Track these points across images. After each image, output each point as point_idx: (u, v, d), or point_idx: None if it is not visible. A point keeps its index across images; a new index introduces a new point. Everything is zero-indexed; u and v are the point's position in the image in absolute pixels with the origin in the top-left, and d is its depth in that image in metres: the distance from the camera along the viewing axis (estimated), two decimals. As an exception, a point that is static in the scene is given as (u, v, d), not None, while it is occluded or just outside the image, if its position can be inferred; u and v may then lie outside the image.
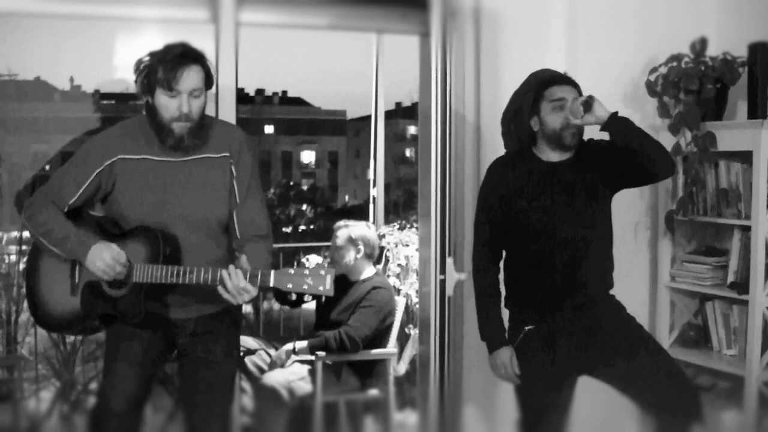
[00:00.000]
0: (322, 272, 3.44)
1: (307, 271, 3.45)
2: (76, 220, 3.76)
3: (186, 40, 3.70)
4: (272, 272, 3.47)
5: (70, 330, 4.07)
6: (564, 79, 4.15)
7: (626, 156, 4.00)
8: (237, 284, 3.47)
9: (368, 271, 5.89)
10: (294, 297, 5.64)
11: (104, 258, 3.56)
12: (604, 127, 3.98)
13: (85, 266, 3.64)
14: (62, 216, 3.71)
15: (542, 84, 4.15)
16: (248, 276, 3.50)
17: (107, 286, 3.64)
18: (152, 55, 3.62)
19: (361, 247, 5.86)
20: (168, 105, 3.59)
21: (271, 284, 3.46)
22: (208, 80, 3.67)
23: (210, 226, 3.75)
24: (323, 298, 4.96)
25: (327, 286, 3.44)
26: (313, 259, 6.16)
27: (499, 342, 4.14)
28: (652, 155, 3.98)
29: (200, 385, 3.86)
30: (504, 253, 4.24)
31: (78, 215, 3.78)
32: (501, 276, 4.25)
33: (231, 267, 3.50)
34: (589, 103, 3.96)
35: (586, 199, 4.08)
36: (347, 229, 5.93)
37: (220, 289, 3.51)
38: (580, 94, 4.11)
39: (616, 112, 3.99)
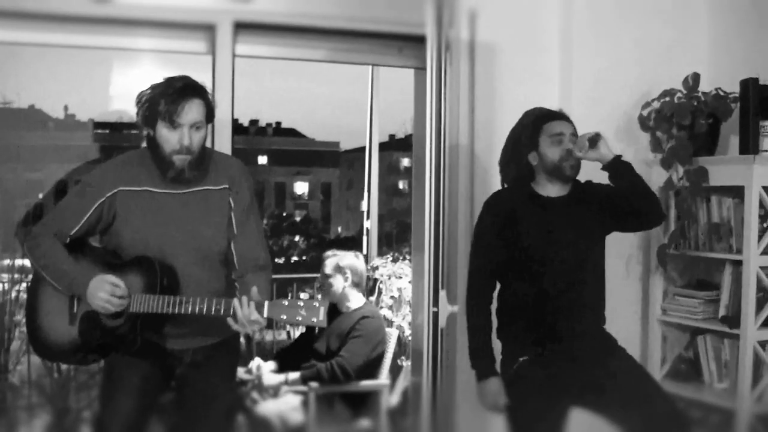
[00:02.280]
0: (316, 304, 3.45)
1: (301, 303, 3.45)
2: (78, 250, 3.78)
3: (182, 71, 3.74)
4: (266, 303, 3.47)
5: (69, 360, 4.08)
6: (560, 115, 4.22)
7: (620, 201, 4.10)
8: (248, 316, 3.47)
9: (357, 300, 5.90)
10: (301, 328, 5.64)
11: (100, 295, 3.58)
12: (606, 167, 4.10)
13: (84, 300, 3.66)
14: (63, 250, 3.73)
15: (539, 119, 4.20)
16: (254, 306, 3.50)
17: (104, 315, 3.65)
18: (154, 87, 3.65)
19: (349, 275, 5.87)
20: (169, 138, 3.61)
21: (265, 315, 3.46)
22: (209, 113, 3.70)
23: (209, 258, 3.76)
24: (317, 329, 4.97)
25: (320, 318, 3.44)
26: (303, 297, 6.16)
27: (489, 372, 4.15)
28: (645, 204, 4.12)
29: (198, 415, 3.86)
30: (498, 285, 4.27)
31: (80, 246, 3.80)
32: (494, 307, 4.27)
33: (244, 298, 3.50)
34: (594, 140, 4.07)
35: (581, 234, 4.13)
36: (335, 257, 5.94)
37: (230, 320, 3.52)
38: (574, 129, 4.16)
39: (620, 156, 4.10)
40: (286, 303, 3.46)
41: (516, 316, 4.16)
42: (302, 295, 6.16)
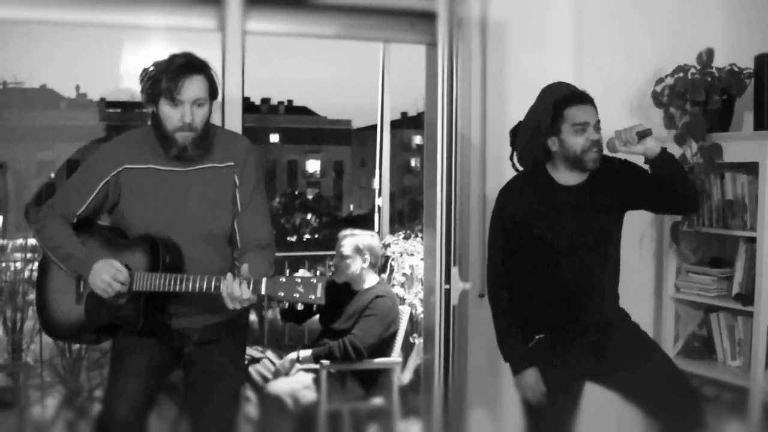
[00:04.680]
0: (314, 281, 3.41)
1: (299, 279, 3.42)
2: (86, 230, 3.79)
3: (192, 48, 3.71)
4: (264, 280, 3.44)
5: (77, 339, 4.09)
6: (584, 98, 4.04)
7: (658, 187, 3.99)
8: (232, 292, 3.46)
9: (371, 280, 5.90)
10: (300, 306, 5.67)
11: (103, 278, 3.57)
12: (652, 161, 3.93)
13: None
14: (69, 231, 3.74)
15: (561, 102, 4.02)
16: (246, 283, 3.48)
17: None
18: (157, 64, 3.63)
19: (368, 256, 5.86)
20: (171, 115, 3.60)
21: (263, 292, 3.43)
22: (213, 90, 3.67)
23: (213, 236, 3.76)
24: (317, 306, 4.92)
25: (318, 295, 3.41)
26: (301, 273, 6.14)
27: (523, 364, 4.10)
28: (686, 194, 3.99)
29: (206, 394, 3.86)
30: (518, 268, 4.23)
31: (87, 225, 3.81)
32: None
33: (229, 275, 3.49)
34: (644, 134, 3.90)
35: (600, 222, 4.07)
36: (354, 238, 5.92)
37: (223, 293, 3.51)
38: (597, 114, 4.03)
39: (665, 148, 3.95)
40: (284, 280, 3.43)
41: (533, 297, 4.13)
42: (301, 272, 6.15)
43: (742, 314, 5.02)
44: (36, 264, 6.48)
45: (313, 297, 3.41)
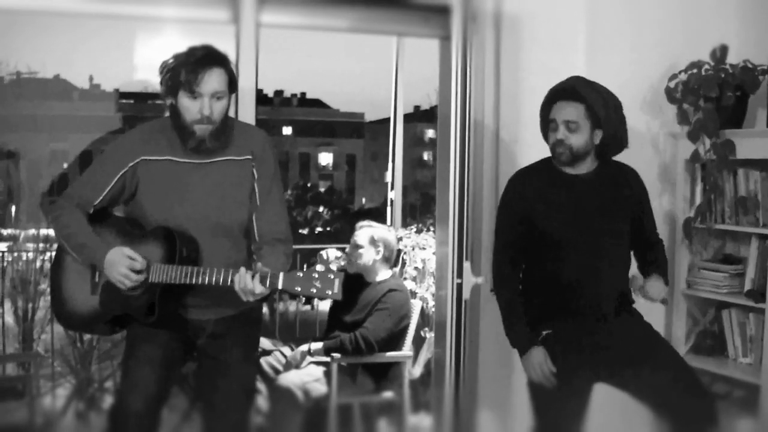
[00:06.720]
0: (331, 276, 3.42)
1: (316, 275, 3.42)
2: (101, 221, 3.79)
3: (206, 40, 3.71)
4: (281, 274, 3.45)
5: (91, 329, 4.10)
6: (568, 94, 4.10)
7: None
8: (244, 286, 3.47)
9: (384, 273, 5.89)
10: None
11: (118, 269, 3.58)
12: None
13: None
14: (84, 221, 3.74)
15: (549, 100, 4.16)
16: (258, 277, 3.49)
17: None
18: (176, 57, 3.63)
19: (381, 249, 5.85)
20: (190, 107, 3.60)
21: (280, 286, 3.44)
22: (232, 83, 3.67)
23: (230, 229, 3.76)
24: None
25: (335, 290, 3.42)
26: (331, 253, 6.14)
27: (529, 344, 4.11)
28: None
29: (218, 386, 3.87)
30: (524, 261, 4.23)
31: (103, 216, 3.81)
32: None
33: (242, 269, 3.49)
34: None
35: (604, 213, 4.08)
36: (370, 229, 5.92)
37: (236, 287, 3.51)
38: (588, 106, 4.05)
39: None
40: (301, 275, 3.43)
41: (541, 290, 4.14)
42: (330, 251, 6.14)
43: (753, 311, 5.01)
44: (48, 254, 6.52)
45: (330, 292, 3.42)
